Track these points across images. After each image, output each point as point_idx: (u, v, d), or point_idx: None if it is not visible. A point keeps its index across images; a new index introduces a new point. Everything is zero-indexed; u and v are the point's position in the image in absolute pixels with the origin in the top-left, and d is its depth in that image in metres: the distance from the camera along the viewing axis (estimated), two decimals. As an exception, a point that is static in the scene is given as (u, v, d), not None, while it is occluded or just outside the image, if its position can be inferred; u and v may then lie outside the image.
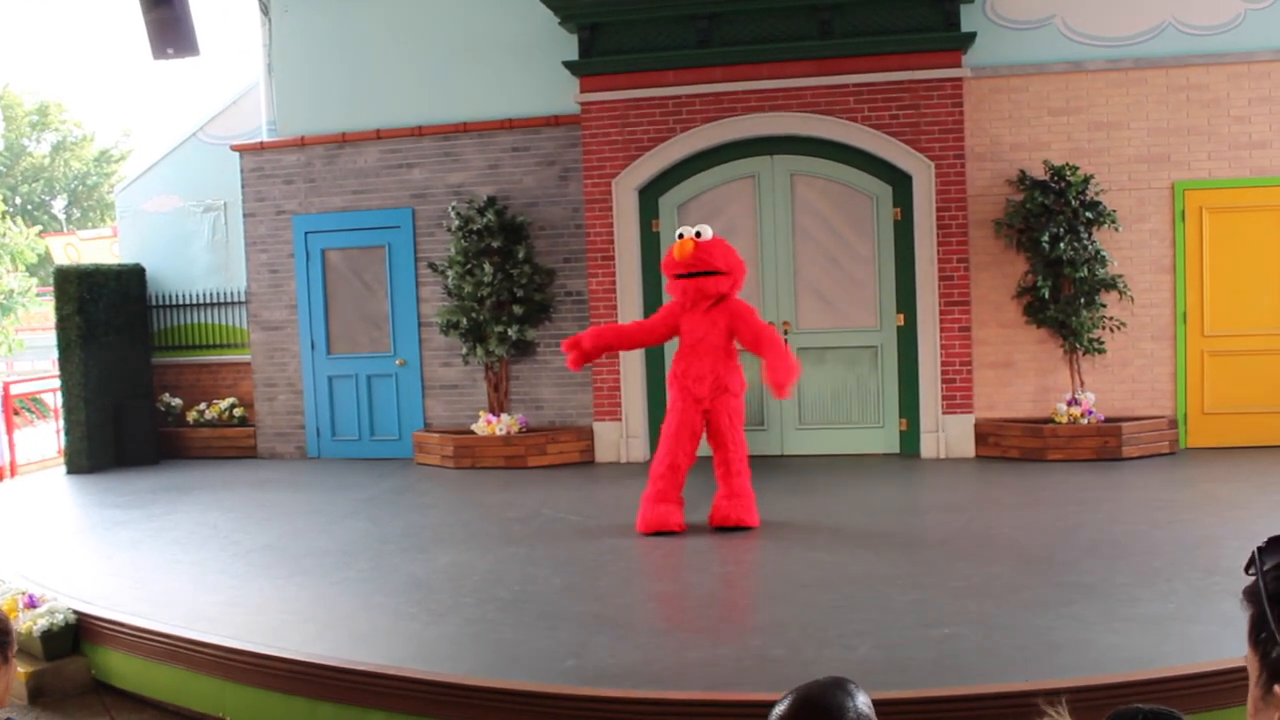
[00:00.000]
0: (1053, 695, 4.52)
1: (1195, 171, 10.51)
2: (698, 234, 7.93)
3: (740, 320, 7.89)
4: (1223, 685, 4.25)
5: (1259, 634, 1.19)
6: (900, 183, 10.74)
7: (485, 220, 11.38)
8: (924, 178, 10.55)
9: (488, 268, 11.29)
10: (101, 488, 11.07)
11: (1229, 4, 10.44)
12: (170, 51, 10.90)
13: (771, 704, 2.01)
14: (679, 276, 7.93)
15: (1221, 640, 4.76)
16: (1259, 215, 10.43)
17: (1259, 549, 1.21)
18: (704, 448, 8.09)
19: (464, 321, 11.46)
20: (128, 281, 12.92)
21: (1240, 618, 1.29)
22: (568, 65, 11.11)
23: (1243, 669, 1.23)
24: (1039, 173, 10.52)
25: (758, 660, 5.16)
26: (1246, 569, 1.23)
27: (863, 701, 2.03)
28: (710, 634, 5.70)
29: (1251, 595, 1.22)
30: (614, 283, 11.11)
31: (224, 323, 13.19)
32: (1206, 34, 10.48)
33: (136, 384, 12.84)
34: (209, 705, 5.66)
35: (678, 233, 8.02)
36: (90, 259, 18.56)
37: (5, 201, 33.83)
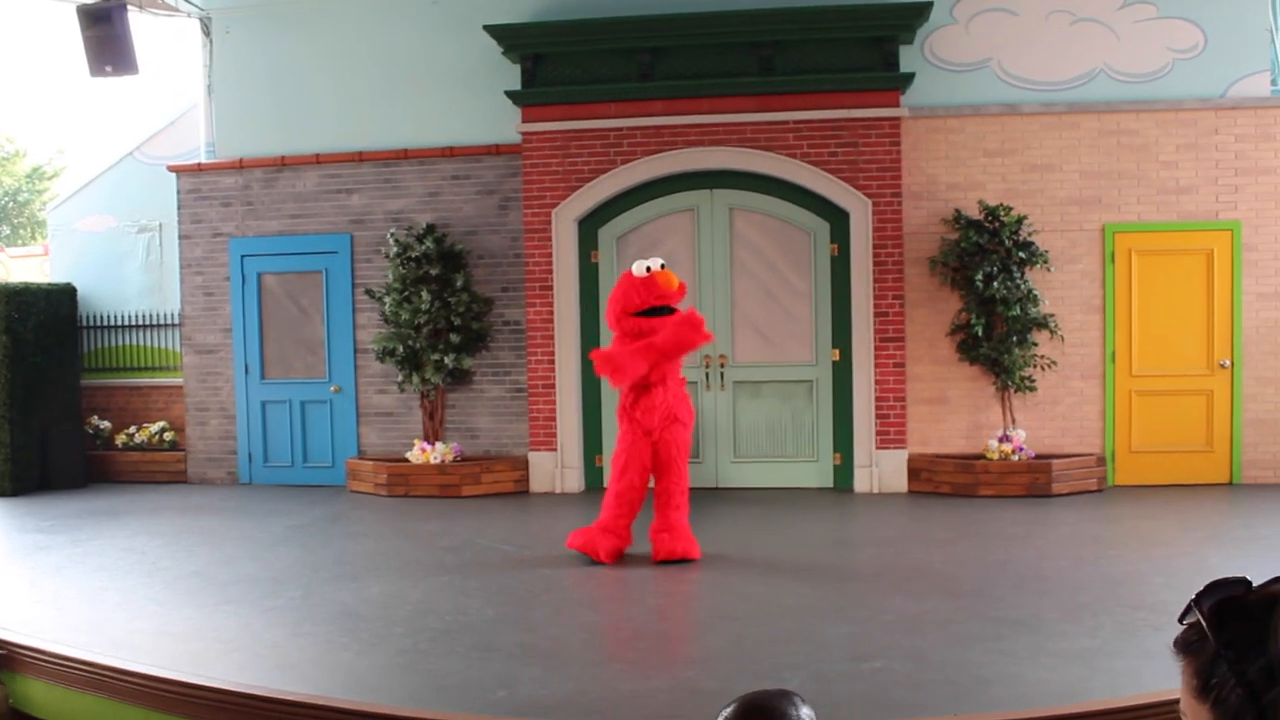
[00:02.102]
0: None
1: (1124, 214, 10.73)
2: (662, 267, 7.85)
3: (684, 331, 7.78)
4: (1148, 717, 4.32)
5: (1208, 680, 1.21)
6: (838, 219, 10.86)
7: (424, 247, 11.35)
8: (861, 215, 10.68)
9: (425, 295, 11.25)
10: (26, 511, 10.85)
11: (1158, 54, 10.70)
12: (108, 69, 10.81)
13: None
14: (645, 314, 7.71)
15: (1144, 674, 4.84)
16: (1185, 258, 10.67)
17: (1196, 597, 1.23)
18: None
19: (400, 349, 11.40)
20: (58, 301, 12.71)
21: (1163, 653, 1.30)
22: (510, 95, 11.13)
23: (1165, 703, 1.26)
24: (974, 212, 10.69)
25: (689, 692, 5.16)
26: (1182, 618, 1.25)
27: (807, 714, 2.05)
28: (642, 666, 5.69)
29: (1189, 645, 1.23)
30: (552, 312, 11.12)
31: (157, 345, 13.02)
32: (1137, 81, 10.73)
33: (64, 405, 12.62)
34: (132, 735, 5.55)
35: (644, 266, 7.79)
36: (19, 277, 18.23)
37: (-67, 217, 33.17)
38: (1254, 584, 1.23)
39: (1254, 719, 1.15)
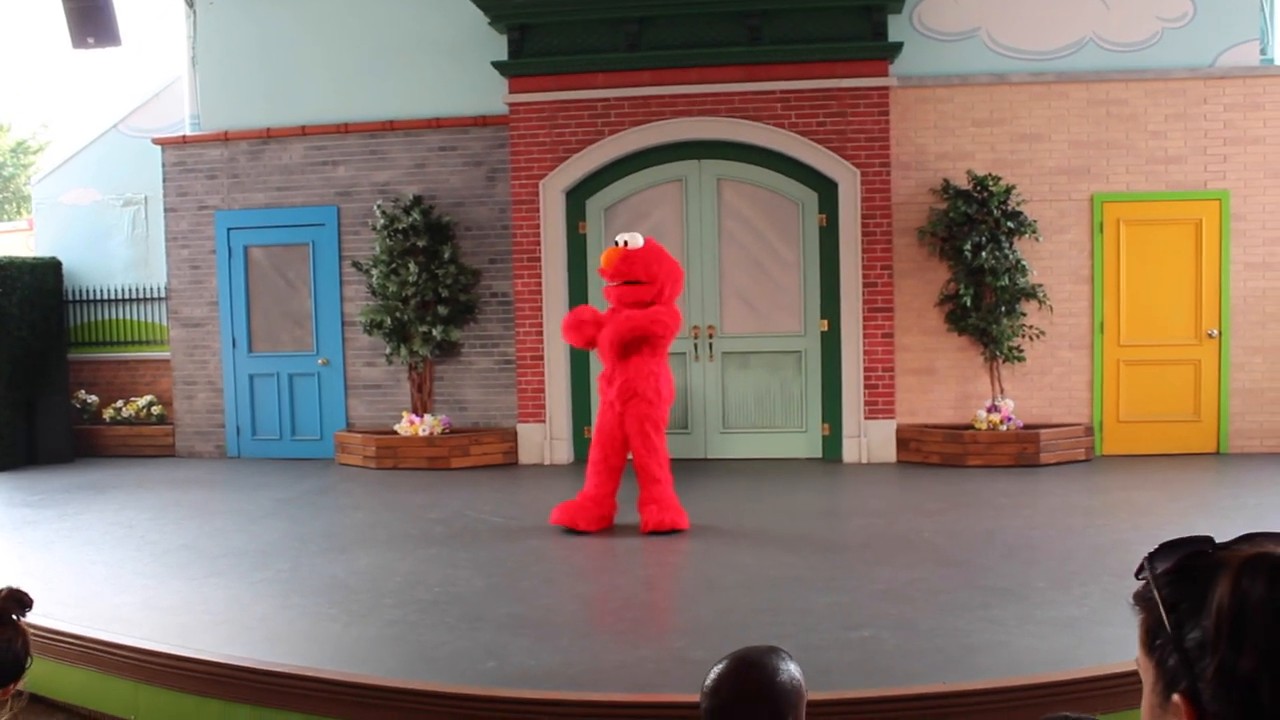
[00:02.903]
0: (970, 696, 4.60)
1: (1113, 184, 10.72)
2: (625, 243, 7.90)
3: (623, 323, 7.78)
4: (1134, 686, 4.33)
5: (1153, 640, 1.21)
6: (826, 189, 10.84)
7: (411, 219, 11.30)
8: (849, 185, 10.66)
9: (413, 267, 11.21)
10: (13, 486, 10.82)
11: (1147, 23, 10.67)
12: (91, 41, 10.72)
13: (692, 705, 2.06)
14: (613, 285, 7.95)
15: (1132, 642, 4.83)
16: (1173, 228, 10.67)
17: (1150, 555, 1.23)
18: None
19: (388, 321, 11.37)
20: (43, 275, 12.65)
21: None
22: (497, 65, 11.07)
23: None
24: (962, 182, 10.67)
25: (678, 662, 5.17)
26: (1137, 574, 1.25)
27: (794, 668, 2.21)
28: (631, 636, 5.70)
29: (1144, 600, 1.23)
30: (540, 284, 11.09)
31: (143, 319, 12.96)
32: (1126, 50, 10.70)
33: (51, 380, 12.58)
34: (122, 708, 5.54)
35: (613, 241, 8.02)
36: (4, 252, 18.13)
37: (-84, 192, 32.98)
38: (1217, 544, 1.22)
39: (1188, 686, 1.15)
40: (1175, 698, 1.16)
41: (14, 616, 2.66)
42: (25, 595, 2.68)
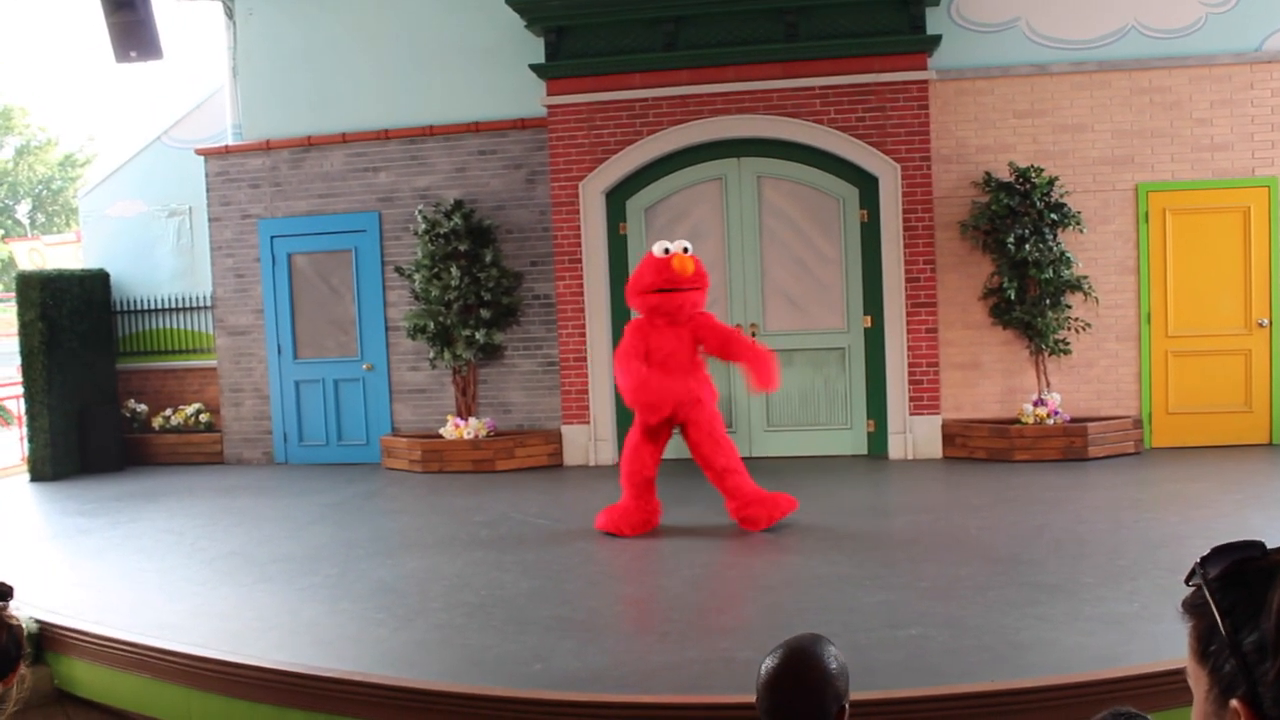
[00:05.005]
0: (1019, 695, 4.56)
1: (1158, 173, 10.60)
2: (686, 249, 7.87)
3: (706, 329, 7.88)
4: (1187, 684, 4.28)
5: (1207, 646, 1.19)
6: (867, 185, 10.78)
7: (452, 224, 11.35)
8: (890, 180, 10.60)
9: (455, 271, 11.25)
10: (65, 495, 10.97)
11: (1190, 8, 10.53)
12: (133, 55, 10.84)
13: (739, 706, 2.09)
14: (660, 291, 7.76)
15: (1183, 638, 4.78)
16: (1220, 217, 10.52)
17: (1201, 560, 1.21)
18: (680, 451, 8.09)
19: (431, 325, 11.42)
20: (91, 287, 12.80)
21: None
22: (534, 68, 11.09)
23: None
24: (1004, 175, 10.58)
25: (724, 663, 5.16)
26: (1188, 580, 1.22)
27: (839, 654, 2.34)
28: (677, 637, 5.69)
29: (1194, 607, 1.22)
30: (581, 286, 11.10)
31: (190, 328, 13.09)
32: (1168, 37, 10.57)
33: (101, 390, 12.73)
34: (174, 714, 5.61)
35: (664, 247, 7.84)
36: (55, 264, 18.39)
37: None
38: (1268, 548, 1.20)
39: (1247, 691, 1.13)
40: (1233, 703, 1.14)
41: None
42: (3, 586, 2.45)
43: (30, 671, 6.24)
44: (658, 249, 7.88)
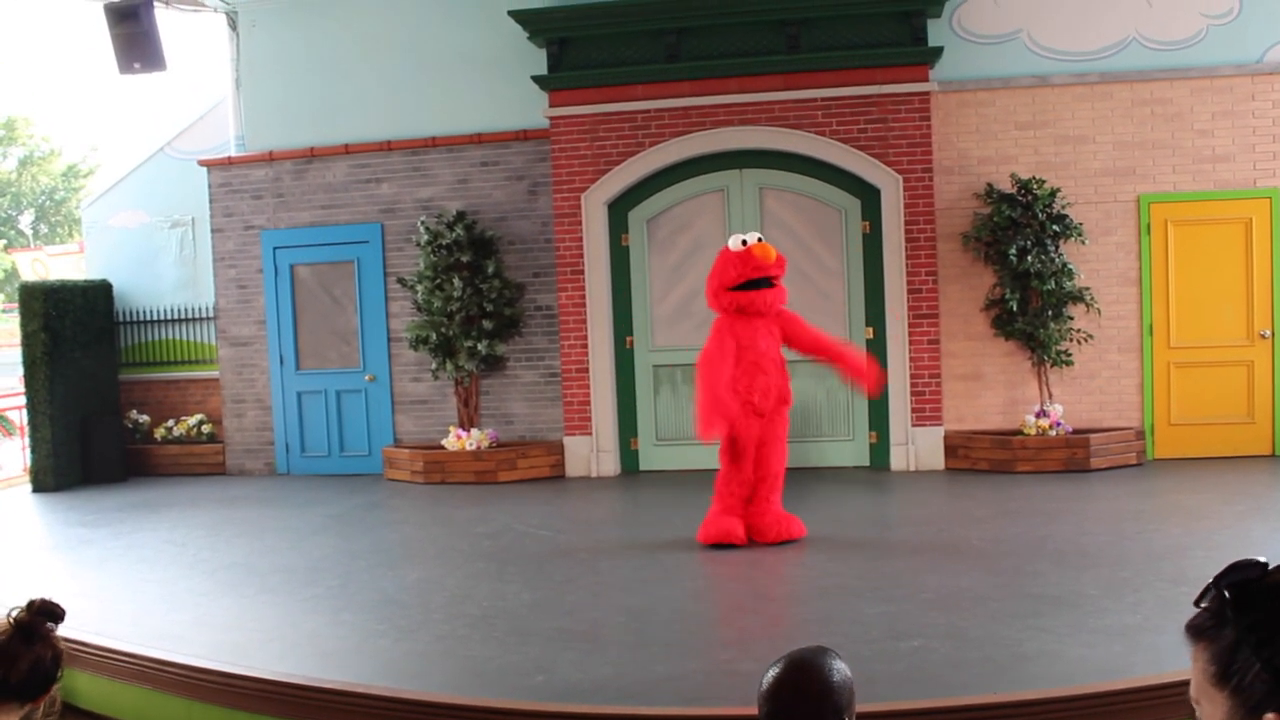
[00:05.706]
0: (1022, 707, 4.55)
1: (1160, 185, 10.60)
2: (759, 239, 7.77)
3: (795, 326, 7.82)
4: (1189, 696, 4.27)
5: (1227, 667, 1.17)
6: (869, 196, 10.79)
7: (454, 235, 11.36)
8: (892, 191, 10.61)
9: (457, 282, 11.26)
10: (68, 506, 10.97)
11: (1191, 19, 10.55)
12: (137, 66, 10.89)
13: (742, 718, 2.09)
14: (746, 287, 7.61)
15: (1186, 650, 4.78)
16: (1222, 228, 10.53)
17: (1214, 581, 1.20)
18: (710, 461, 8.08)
19: (433, 336, 11.43)
20: (94, 297, 12.81)
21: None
22: (536, 80, 11.11)
23: None
24: (1006, 186, 10.59)
25: (726, 674, 5.15)
26: (1198, 601, 1.21)
27: (844, 666, 2.30)
28: (680, 648, 5.69)
29: (1205, 630, 1.20)
30: (584, 297, 11.11)
31: (192, 339, 13.10)
32: (1170, 49, 10.58)
33: (103, 400, 12.73)
34: (175, 725, 5.60)
35: (740, 240, 7.72)
36: (57, 275, 18.40)
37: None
38: (1270, 565, 1.19)
39: (1277, 707, 1.12)
40: (1269, 717, 1.12)
41: (46, 628, 2.59)
42: (56, 607, 2.58)
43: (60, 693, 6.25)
44: (734, 242, 7.73)
